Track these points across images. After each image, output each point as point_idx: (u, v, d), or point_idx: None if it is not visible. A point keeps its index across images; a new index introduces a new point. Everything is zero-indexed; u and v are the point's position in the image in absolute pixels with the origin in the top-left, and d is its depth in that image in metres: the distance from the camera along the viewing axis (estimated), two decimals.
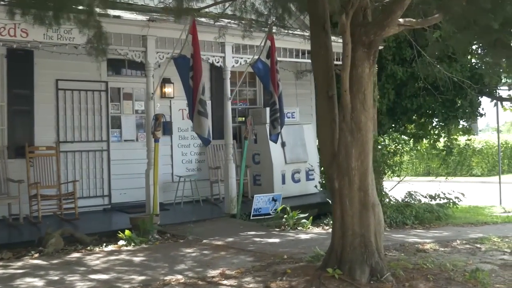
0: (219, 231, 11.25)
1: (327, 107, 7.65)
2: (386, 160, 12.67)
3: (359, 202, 7.37)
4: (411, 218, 13.01)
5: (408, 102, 15.73)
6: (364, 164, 7.37)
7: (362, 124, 7.34)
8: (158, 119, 11.35)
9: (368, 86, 7.42)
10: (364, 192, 7.38)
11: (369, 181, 7.39)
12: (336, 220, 7.51)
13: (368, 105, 7.40)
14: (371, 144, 7.48)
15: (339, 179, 7.43)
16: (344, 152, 7.39)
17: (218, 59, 12.56)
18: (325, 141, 7.68)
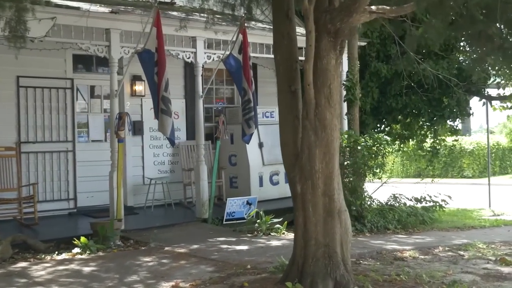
0: (187, 237, 10.46)
1: (290, 103, 6.85)
2: (367, 161, 11.84)
3: (324, 208, 6.56)
4: (394, 223, 12.22)
5: (393, 101, 14.93)
6: (329, 166, 6.57)
7: (327, 121, 6.54)
8: (122, 118, 10.54)
9: (335, 80, 6.62)
10: (329, 197, 6.57)
11: (334, 185, 6.59)
12: (298, 228, 6.70)
13: (334, 101, 6.59)
14: (337, 144, 6.67)
15: (301, 182, 6.63)
16: (307, 152, 6.59)
17: (189, 55, 11.76)
18: (287, 140, 6.88)
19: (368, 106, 14.69)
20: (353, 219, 11.70)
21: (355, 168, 11.81)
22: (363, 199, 11.90)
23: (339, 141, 6.77)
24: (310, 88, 6.51)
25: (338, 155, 6.71)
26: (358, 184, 11.94)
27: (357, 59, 13.12)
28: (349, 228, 6.71)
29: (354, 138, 11.85)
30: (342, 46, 6.67)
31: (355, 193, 11.96)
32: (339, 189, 6.64)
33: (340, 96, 6.55)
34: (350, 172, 11.91)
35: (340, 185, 6.67)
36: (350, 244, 6.78)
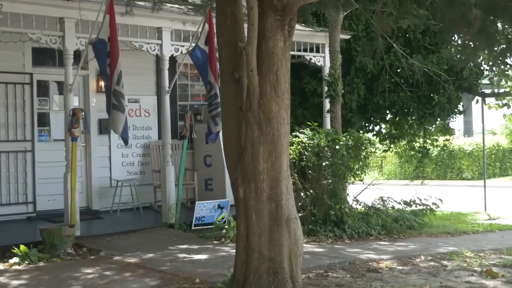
0: (146, 244, 9.45)
1: (233, 93, 5.79)
2: (347, 162, 10.77)
3: (269, 215, 5.51)
4: (377, 228, 11.17)
5: (380, 98, 13.82)
6: (275, 166, 5.51)
7: (273, 113, 5.49)
8: (76, 114, 9.56)
9: (283, 65, 5.57)
10: (276, 202, 5.52)
11: (282, 188, 5.53)
12: (239, 239, 5.65)
13: (282, 90, 5.54)
14: (285, 140, 5.61)
15: (244, 185, 5.58)
16: (250, 150, 5.54)
17: (154, 47, 10.72)
18: (230, 136, 5.82)
19: (354, 104, 13.61)
20: (332, 225, 10.72)
21: (334, 169, 10.73)
22: (343, 203, 10.82)
23: (288, 137, 5.70)
24: (253, 74, 5.47)
25: (287, 153, 5.65)
26: (338, 186, 10.87)
27: (339, 53, 12.04)
28: (300, 239, 5.64)
29: (332, 137, 10.78)
30: (291, 26, 5.63)
31: (335, 197, 10.90)
32: (288, 193, 5.58)
33: (289, 84, 5.43)
34: (328, 174, 10.84)
35: (289, 188, 5.61)
36: (301, 257, 5.71)
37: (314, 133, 10.86)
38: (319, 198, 10.92)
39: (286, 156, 5.61)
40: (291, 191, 5.62)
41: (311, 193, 11.00)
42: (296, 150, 10.84)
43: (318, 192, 10.99)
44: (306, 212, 10.92)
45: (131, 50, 11.15)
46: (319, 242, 10.16)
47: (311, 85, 14.17)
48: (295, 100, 15.03)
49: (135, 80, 12.29)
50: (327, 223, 10.76)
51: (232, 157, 5.75)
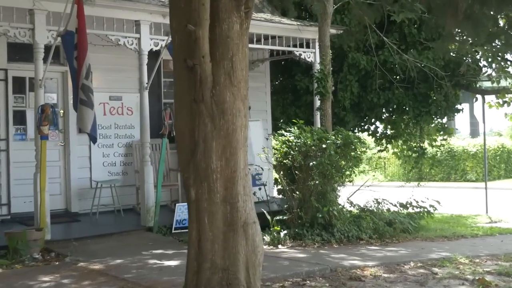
0: (119, 249, 8.81)
1: (186, 83, 5.09)
2: (335, 162, 10.04)
3: (224, 220, 4.83)
4: (368, 232, 10.42)
5: (375, 96, 13.08)
6: (230, 164, 4.83)
7: (227, 105, 4.82)
8: (45, 111, 8.91)
9: (239, 51, 4.89)
10: (231, 205, 4.84)
11: (238, 189, 4.84)
12: (191, 246, 4.96)
13: (238, 78, 4.87)
14: (242, 135, 4.93)
15: (196, 185, 4.90)
16: (202, 146, 4.86)
17: (132, 41, 10.05)
18: (183, 130, 5.13)
19: (348, 102, 12.88)
20: (319, 228, 10.02)
21: (321, 169, 10.01)
22: (332, 205, 10.09)
23: (246, 131, 5.00)
24: (205, 61, 4.80)
25: (245, 150, 4.96)
26: (326, 188, 10.15)
27: (329, 48, 11.33)
28: (259, 246, 4.94)
29: (318, 135, 10.07)
30: (248, 6, 4.94)
31: (323, 199, 10.19)
32: (246, 195, 4.89)
33: (247, 72, 4.74)
34: (316, 174, 10.12)
35: (248, 189, 4.92)
36: (260, 267, 5.01)
37: (300, 132, 10.16)
38: (306, 200, 10.22)
39: (244, 153, 4.92)
40: (249, 192, 4.93)
41: (297, 194, 10.29)
42: (281, 149, 10.14)
43: (306, 193, 10.29)
44: (293, 215, 10.22)
45: (112, 45, 10.52)
46: (304, 247, 9.47)
47: (303, 82, 13.48)
48: (288, 98, 14.39)
49: (117, 77, 11.67)
50: (314, 227, 10.06)
51: (185, 154, 5.07)
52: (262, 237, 5.00)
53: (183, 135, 5.09)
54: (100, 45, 10.96)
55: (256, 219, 4.95)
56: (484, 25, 6.26)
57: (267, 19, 11.46)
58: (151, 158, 10.60)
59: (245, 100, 4.91)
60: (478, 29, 6.38)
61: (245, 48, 4.93)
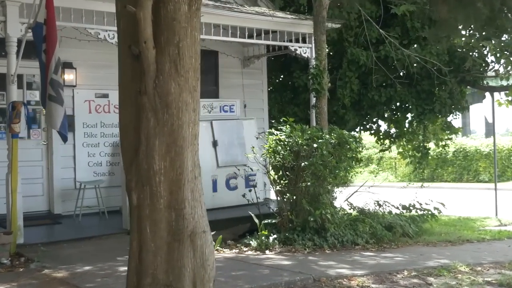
0: (93, 254, 8.22)
1: (131, 72, 4.45)
2: (329, 162, 9.36)
3: (168, 229, 4.18)
4: (365, 236, 9.71)
5: (376, 93, 12.36)
6: (175, 164, 4.19)
7: (171, 97, 4.17)
8: (16, 108, 8.32)
9: (187, 36, 4.24)
10: (176, 212, 4.19)
11: (185, 193, 4.19)
12: (131, 258, 4.32)
13: (186, 67, 4.21)
14: (190, 131, 4.29)
15: (138, 189, 4.26)
16: (145, 144, 4.22)
17: (113, 34, 9.41)
18: (127, 127, 4.50)
19: (347, 100, 12.17)
20: (312, 232, 9.35)
21: (313, 170, 9.34)
22: (324, 208, 9.39)
23: (196, 128, 4.35)
24: (148, 47, 4.15)
25: (193, 149, 4.32)
26: (318, 190, 9.47)
27: (324, 42, 10.64)
28: (210, 260, 4.29)
29: (312, 134, 9.39)
30: None
31: (316, 201, 9.51)
32: (195, 200, 4.24)
33: (197, 60, 4.08)
34: (307, 176, 9.45)
35: (197, 194, 4.28)
36: (211, 283, 4.34)
37: (291, 130, 9.49)
38: (298, 202, 9.55)
39: (192, 152, 4.28)
40: (199, 197, 4.28)
41: (288, 197, 9.63)
42: (270, 148, 9.49)
43: (297, 195, 9.62)
44: (283, 219, 9.56)
45: (97, 40, 9.93)
46: (294, 253, 8.81)
47: (301, 79, 12.81)
48: (286, 96, 13.74)
49: (104, 73, 11.06)
50: (306, 231, 9.38)
51: (129, 153, 4.44)
52: (213, 249, 4.34)
53: (127, 131, 4.45)
54: (85, 41, 10.45)
55: (207, 228, 4.29)
56: (477, 9, 5.57)
57: (259, 12, 10.80)
58: None
59: (194, 92, 4.26)
60: (470, 13, 5.68)
61: (195, 32, 4.27)
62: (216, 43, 11.87)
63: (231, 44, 12.20)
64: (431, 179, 26.76)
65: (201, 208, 4.28)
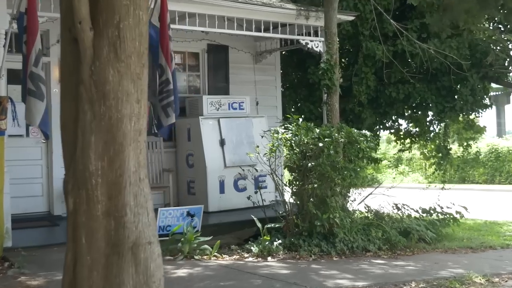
0: None
1: (72, 58, 3.83)
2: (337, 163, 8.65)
3: (106, 239, 3.56)
4: (377, 242, 8.96)
5: (393, 90, 11.57)
6: (115, 165, 3.56)
7: (109, 86, 3.55)
8: (2, 104, 7.82)
9: (129, 15, 3.61)
10: (116, 220, 3.56)
11: (127, 199, 3.57)
12: (65, 272, 3.71)
13: (128, 51, 3.59)
14: (133, 126, 3.64)
15: (74, 193, 3.63)
16: (81, 141, 3.59)
17: None
18: (67, 121, 3.89)
19: (364, 97, 11.42)
20: (319, 238, 8.65)
21: (320, 171, 8.64)
22: (333, 212, 8.68)
23: (141, 122, 3.70)
24: (84, 29, 3.55)
25: (137, 147, 3.67)
26: (326, 192, 8.76)
27: (335, 35, 9.91)
28: (156, 276, 3.64)
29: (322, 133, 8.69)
30: None
31: (324, 204, 8.80)
32: (139, 206, 3.61)
33: (143, 44, 3.44)
34: (314, 177, 8.76)
35: (141, 199, 3.63)
36: None
37: (297, 128, 8.81)
38: (305, 206, 8.87)
39: (135, 151, 3.63)
40: (145, 203, 3.64)
41: (294, 199, 8.96)
42: (273, 148, 8.83)
43: (303, 198, 8.94)
44: (289, 223, 8.88)
45: None
46: (298, 260, 8.13)
47: (316, 75, 12.03)
48: (301, 94, 13.03)
49: None
50: (313, 236, 8.68)
51: (69, 151, 3.83)
52: (161, 263, 3.70)
53: (67, 127, 3.85)
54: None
55: (154, 239, 3.65)
56: None
57: (266, 3, 10.12)
58: None
59: (138, 81, 3.62)
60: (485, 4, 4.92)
61: (139, 11, 3.63)
62: (226, 37, 11.28)
63: (242, 39, 11.58)
64: (462, 181, 25.75)
65: (147, 216, 3.64)
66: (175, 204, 10.59)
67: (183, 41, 11.22)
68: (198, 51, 11.68)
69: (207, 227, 9.29)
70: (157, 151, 10.65)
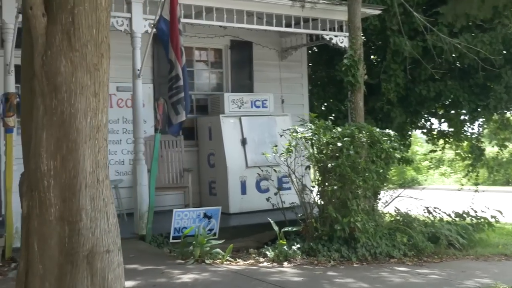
0: None
1: (30, 50, 3.48)
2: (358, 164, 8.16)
3: (60, 247, 3.22)
4: (402, 248, 8.43)
5: (424, 88, 10.96)
6: (68, 165, 3.22)
7: (61, 77, 3.21)
8: (10, 100, 7.60)
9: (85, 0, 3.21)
10: (70, 225, 3.22)
11: (82, 202, 3.22)
12: (18, 282, 3.38)
13: (83, 39, 3.24)
14: (88, 123, 3.27)
15: (28, 195, 3.29)
16: (34, 138, 3.24)
17: (122, 21, 8.61)
18: (25, 117, 3.55)
19: (393, 95, 10.85)
20: (340, 243, 8.19)
21: (340, 172, 8.16)
22: (354, 216, 8.18)
23: (101, 117, 3.33)
24: (36, 15, 3.24)
25: (95, 144, 3.30)
26: (346, 194, 8.26)
27: (359, 29, 9.40)
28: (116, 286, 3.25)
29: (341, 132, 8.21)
30: None
31: (345, 208, 8.32)
32: (97, 210, 3.25)
33: (101, 32, 3.07)
34: (334, 179, 8.28)
35: (100, 202, 3.28)
36: None
37: (317, 127, 8.36)
38: (325, 208, 8.40)
39: (92, 149, 3.27)
40: (104, 207, 3.27)
41: (313, 201, 8.51)
42: (290, 147, 8.40)
43: (324, 201, 8.48)
44: (308, 226, 8.43)
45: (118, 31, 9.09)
46: (315, 265, 7.67)
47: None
48: (329, 92, 12.53)
49: (126, 66, 10.20)
50: (333, 241, 8.21)
51: (26, 149, 3.49)
52: (121, 273, 3.32)
53: (25, 123, 3.52)
54: None
55: (114, 247, 3.28)
56: None
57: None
58: (162, 155, 9.18)
59: (96, 72, 3.25)
60: None
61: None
62: (250, 33, 10.90)
63: (267, 34, 11.20)
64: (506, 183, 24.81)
65: (107, 221, 3.27)
66: (195, 205, 10.26)
67: (205, 37, 10.90)
68: (221, 47, 11.32)
69: (226, 229, 8.93)
70: (177, 150, 10.32)
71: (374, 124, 11.04)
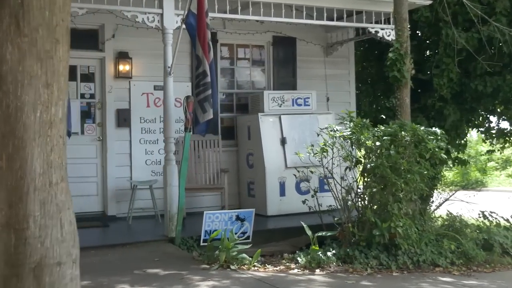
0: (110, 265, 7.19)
1: None
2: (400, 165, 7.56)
3: (5, 257, 2.84)
4: (449, 256, 7.78)
5: (480, 83, 10.18)
6: (15, 165, 2.87)
7: (7, 66, 2.86)
8: None
9: None
10: (16, 233, 2.84)
11: (30, 208, 2.89)
12: None
13: (34, 23, 2.89)
14: (38, 117, 2.89)
15: None
16: None
17: (153, 17, 8.31)
18: None
19: (445, 91, 10.13)
20: (379, 249, 7.63)
21: (380, 174, 7.60)
22: (395, 220, 7.59)
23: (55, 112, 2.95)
24: None
25: (46, 143, 2.93)
26: (387, 198, 7.68)
27: (406, 21, 8.76)
28: None
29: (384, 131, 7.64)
30: None
31: (385, 212, 7.75)
32: (48, 217, 2.89)
33: (55, 15, 2.70)
34: (374, 181, 7.73)
35: (52, 208, 2.91)
36: None
37: (355, 125, 7.82)
38: (363, 212, 7.86)
39: (43, 147, 2.89)
40: (58, 213, 2.90)
41: (350, 205, 7.97)
42: (325, 147, 7.88)
43: (363, 204, 7.94)
44: (344, 231, 7.90)
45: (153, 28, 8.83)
46: (350, 273, 7.13)
47: None
48: (379, 89, 11.89)
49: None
50: (372, 247, 7.65)
51: None
52: None
53: None
54: (143, 28, 9.43)
55: (67, 259, 2.89)
56: None
57: None
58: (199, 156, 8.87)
59: (48, 60, 2.87)
60: None
61: None
62: (293, 28, 10.49)
63: (311, 30, 10.72)
64: None
65: (61, 229, 2.90)
66: (233, 207, 9.88)
67: (247, 33, 10.51)
68: (263, 43, 10.89)
69: (260, 232, 8.52)
70: (215, 150, 9.95)
71: (426, 123, 10.36)
